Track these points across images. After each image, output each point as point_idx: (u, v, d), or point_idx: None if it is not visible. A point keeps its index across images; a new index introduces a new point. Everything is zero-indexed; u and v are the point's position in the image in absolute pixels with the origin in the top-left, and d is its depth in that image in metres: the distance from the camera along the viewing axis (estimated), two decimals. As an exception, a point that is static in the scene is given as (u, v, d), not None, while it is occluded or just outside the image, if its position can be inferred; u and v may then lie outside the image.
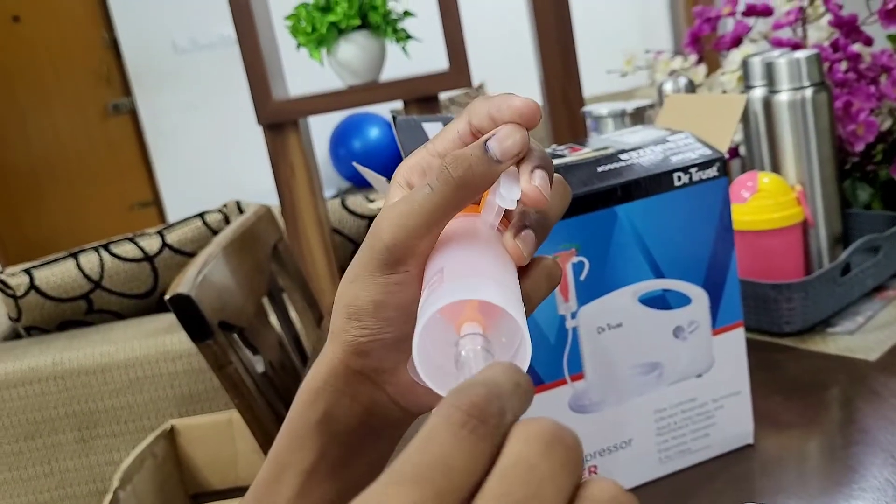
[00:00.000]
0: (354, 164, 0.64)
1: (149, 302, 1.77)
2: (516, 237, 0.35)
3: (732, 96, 0.84)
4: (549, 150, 0.69)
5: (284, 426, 0.38)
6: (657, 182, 0.59)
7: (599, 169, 0.60)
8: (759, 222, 0.84)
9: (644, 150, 0.62)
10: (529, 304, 0.37)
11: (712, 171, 0.61)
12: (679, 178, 0.60)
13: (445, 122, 0.64)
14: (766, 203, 0.84)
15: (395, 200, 0.37)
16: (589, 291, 0.59)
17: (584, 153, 0.62)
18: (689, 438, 0.64)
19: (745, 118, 0.93)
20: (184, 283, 0.83)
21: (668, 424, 0.63)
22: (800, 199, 0.85)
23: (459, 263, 0.34)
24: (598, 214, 0.58)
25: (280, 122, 1.41)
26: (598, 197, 0.58)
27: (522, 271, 0.37)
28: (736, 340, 0.64)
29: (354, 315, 0.36)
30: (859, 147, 0.94)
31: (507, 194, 0.35)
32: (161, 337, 1.61)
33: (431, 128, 0.63)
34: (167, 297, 0.79)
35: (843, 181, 0.99)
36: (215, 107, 3.92)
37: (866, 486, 0.58)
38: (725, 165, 0.61)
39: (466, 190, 0.34)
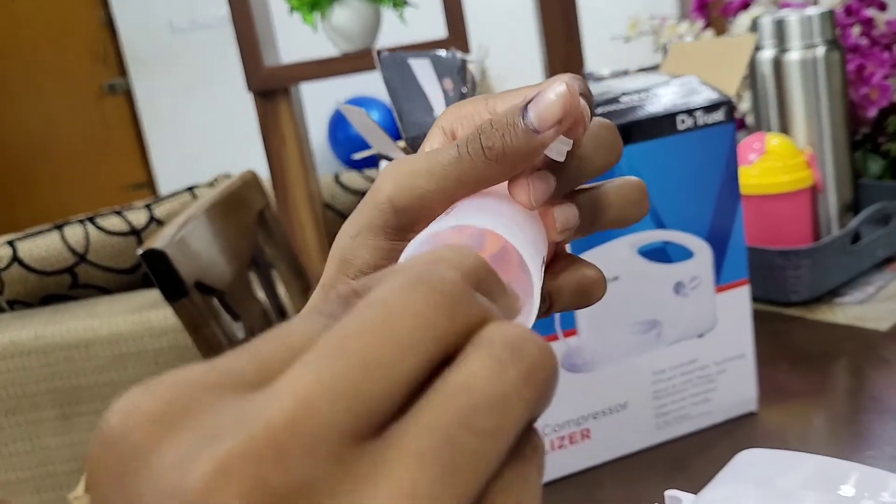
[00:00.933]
0: (341, 106, 0.60)
1: (135, 277, 1.72)
2: (531, 176, 0.28)
3: (740, 38, 0.79)
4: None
5: None
6: (659, 124, 0.55)
7: (598, 111, 0.55)
8: (767, 185, 0.80)
9: (646, 92, 0.57)
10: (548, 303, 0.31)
11: (718, 116, 0.56)
12: (683, 122, 0.56)
13: (434, 59, 0.60)
14: (774, 165, 0.80)
15: (432, 148, 0.31)
16: (584, 240, 0.55)
17: (582, 95, 0.58)
18: (689, 403, 0.60)
19: (753, 81, 0.88)
20: (160, 240, 0.79)
21: (666, 388, 0.59)
22: (809, 163, 0.81)
23: (475, 205, 0.29)
24: (595, 156, 0.54)
25: (271, 88, 1.36)
26: (596, 138, 0.54)
27: (552, 267, 0.32)
28: (740, 299, 0.60)
29: (350, 273, 0.31)
30: (872, 112, 0.90)
31: (556, 144, 0.28)
32: (147, 312, 1.57)
33: (419, 64, 0.58)
34: (139, 251, 0.75)
35: (854, 152, 0.94)
36: (212, 89, 3.87)
37: (878, 455, 0.54)
38: (732, 109, 0.57)
39: (500, 165, 0.27)
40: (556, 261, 0.32)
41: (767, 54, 0.86)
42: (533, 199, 0.28)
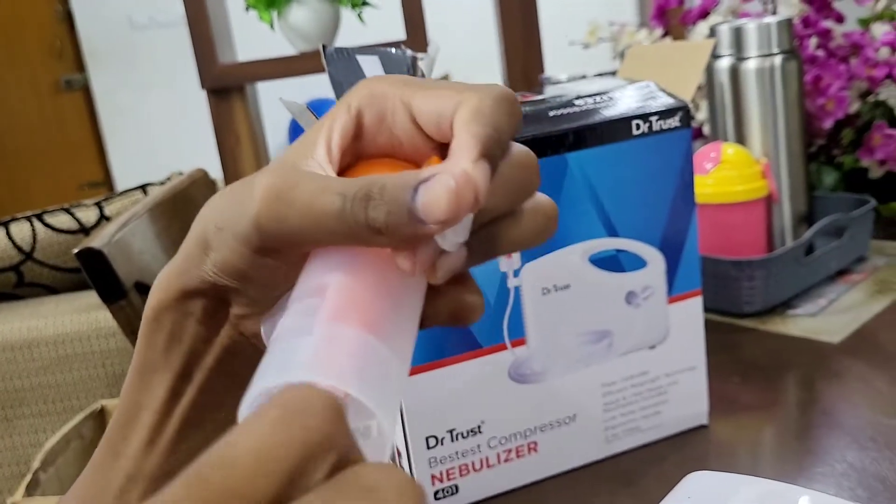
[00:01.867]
0: (282, 101, 0.57)
1: (83, 277, 1.67)
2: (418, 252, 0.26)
3: (699, 42, 0.78)
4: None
5: (133, 360, 0.31)
6: (613, 129, 0.54)
7: (551, 114, 0.54)
8: (722, 194, 0.79)
9: (601, 96, 0.56)
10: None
11: (674, 121, 0.55)
12: (638, 127, 0.54)
13: (383, 56, 0.58)
14: (730, 175, 0.79)
15: (335, 123, 0.28)
16: (534, 249, 0.53)
17: (536, 99, 0.56)
18: (639, 416, 0.58)
19: (710, 89, 0.88)
20: (98, 239, 0.76)
21: (616, 400, 0.57)
22: (765, 173, 0.80)
23: (348, 293, 0.26)
24: (547, 161, 0.52)
25: (225, 86, 1.33)
26: (547, 142, 0.52)
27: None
28: (693, 310, 0.59)
29: (209, 263, 0.29)
30: (828, 123, 0.90)
31: (450, 234, 0.26)
32: (94, 313, 1.52)
33: (367, 61, 0.56)
34: (75, 250, 0.72)
35: (809, 164, 0.94)
36: (171, 87, 3.80)
37: (828, 471, 0.53)
38: (689, 115, 0.56)
39: (384, 237, 0.25)
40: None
41: (725, 63, 0.86)
42: (418, 271, 0.26)
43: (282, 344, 0.25)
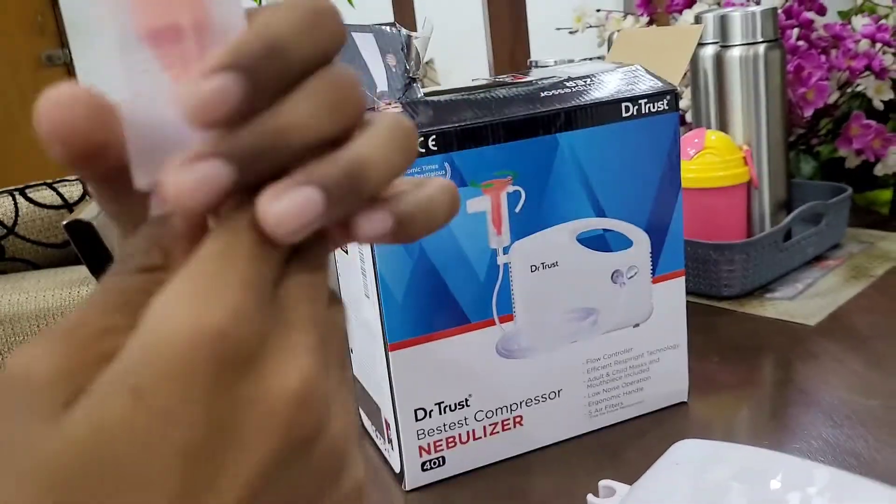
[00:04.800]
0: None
1: (66, 252, 1.67)
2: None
3: (687, 27, 0.80)
4: (489, 79, 0.64)
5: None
6: (603, 111, 0.55)
7: (543, 94, 0.55)
8: (704, 180, 0.81)
9: (591, 79, 0.57)
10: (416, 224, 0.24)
11: (662, 105, 0.57)
12: (627, 109, 0.56)
13: (378, 34, 0.58)
14: (713, 161, 0.81)
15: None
16: (524, 225, 0.54)
17: (528, 80, 0.57)
18: (622, 392, 0.60)
19: (694, 76, 0.89)
20: (87, 211, 0.76)
21: (600, 376, 0.59)
22: (746, 159, 0.82)
23: None
24: (537, 141, 0.54)
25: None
26: (538, 122, 0.53)
27: None
28: (676, 290, 0.60)
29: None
30: (808, 112, 0.91)
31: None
32: (76, 288, 1.52)
33: (362, 38, 0.57)
34: (64, 222, 0.72)
35: (788, 152, 0.96)
36: (153, 64, 3.75)
37: (803, 447, 0.55)
38: (677, 99, 0.57)
39: None
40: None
41: (709, 50, 0.87)
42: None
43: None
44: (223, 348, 0.19)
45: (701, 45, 0.88)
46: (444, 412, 0.55)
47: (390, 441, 0.57)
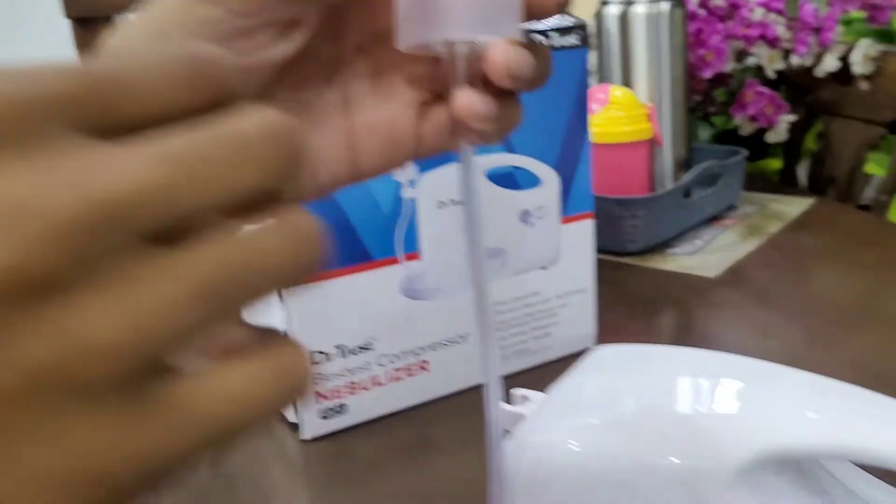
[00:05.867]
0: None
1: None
2: None
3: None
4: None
5: None
6: (513, 41, 0.53)
7: (450, 22, 0.52)
8: (609, 135, 0.80)
9: (500, 10, 0.55)
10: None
11: (572, 39, 0.55)
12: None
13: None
14: (617, 116, 0.80)
15: None
16: (431, 158, 0.52)
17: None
18: (530, 337, 0.58)
19: (599, 35, 0.89)
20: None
21: (507, 320, 0.57)
22: (650, 116, 0.82)
23: None
24: (446, 68, 0.51)
25: (91, 16, 1.24)
26: (447, 48, 0.51)
27: None
28: (584, 232, 0.59)
29: None
30: (707, 73, 0.93)
31: None
32: None
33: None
34: None
35: (689, 112, 0.97)
36: (33, 16, 3.53)
37: (708, 388, 0.55)
38: (586, 34, 0.55)
39: None
40: None
41: (614, 10, 0.87)
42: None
43: None
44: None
45: (605, 2, 0.88)
46: (345, 356, 0.52)
47: (287, 389, 0.53)
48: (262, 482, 0.49)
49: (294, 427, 0.53)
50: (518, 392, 0.32)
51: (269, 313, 0.53)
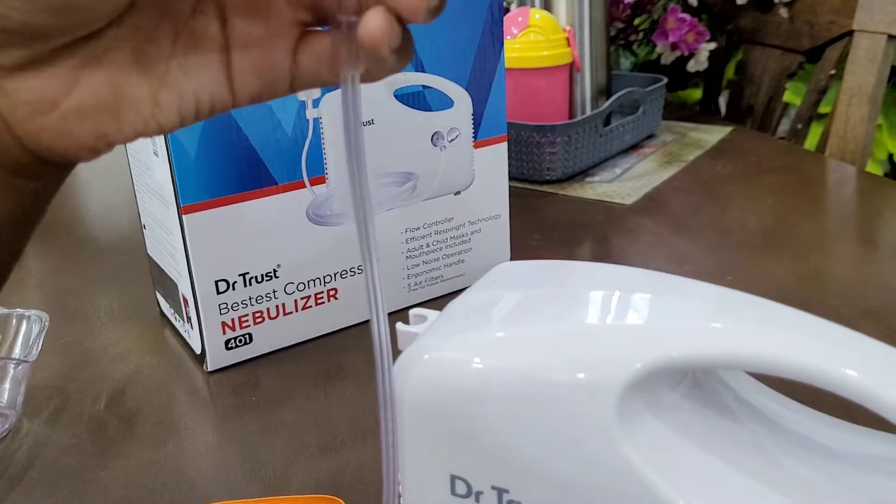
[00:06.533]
0: None
1: None
2: None
3: None
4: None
5: None
6: (422, -48, 0.50)
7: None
8: (527, 59, 0.78)
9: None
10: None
11: (484, -48, 0.53)
12: (447, -47, 0.51)
13: None
14: (536, 40, 0.78)
15: None
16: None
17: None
18: (443, 265, 0.57)
19: (519, -43, 0.86)
20: None
21: (420, 246, 0.56)
22: (570, 40, 0.80)
23: None
24: (350, -21, 0.48)
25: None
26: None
27: None
28: (498, 156, 0.57)
29: None
30: (629, -1, 0.91)
31: None
32: None
33: None
34: None
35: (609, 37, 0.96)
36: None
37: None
38: (499, -53, 0.53)
39: None
40: None
41: (535, -71, 0.84)
42: None
43: None
44: None
45: (525, -78, 0.85)
46: (250, 284, 0.50)
47: (189, 320, 0.51)
48: (164, 415, 0.47)
49: (199, 359, 0.51)
50: (415, 312, 0.31)
51: (169, 242, 0.50)
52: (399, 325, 0.30)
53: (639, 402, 0.23)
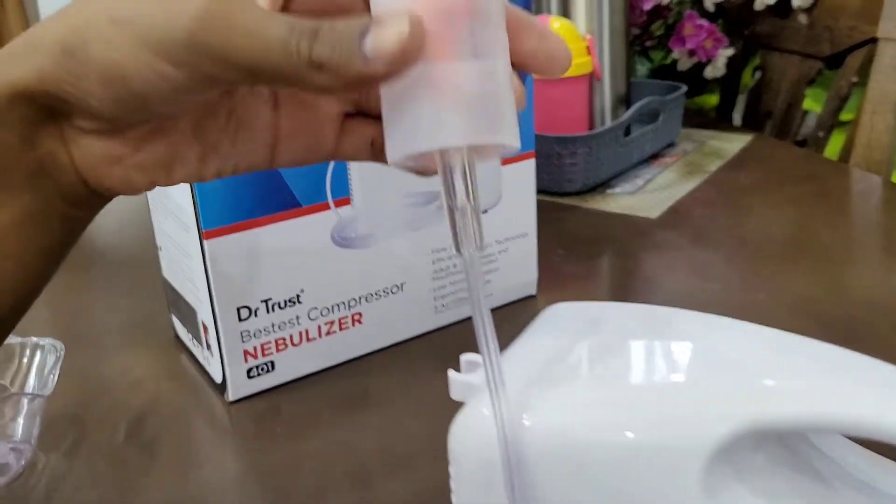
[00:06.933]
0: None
1: None
2: None
3: None
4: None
5: None
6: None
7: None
8: (548, 69, 0.76)
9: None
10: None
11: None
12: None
13: None
14: (556, 49, 0.76)
15: None
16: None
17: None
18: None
19: (536, -37, 0.84)
20: None
21: (446, 267, 0.54)
22: (590, 49, 0.78)
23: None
24: None
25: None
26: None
27: None
28: (526, 173, 0.56)
29: (89, 60, 0.23)
30: (647, 5, 0.89)
31: None
32: None
33: None
34: None
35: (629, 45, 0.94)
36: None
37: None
38: (528, -42, 0.51)
39: (321, 75, 0.23)
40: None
41: (552, -65, 0.82)
42: None
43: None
44: None
45: (542, -72, 0.83)
46: (272, 310, 0.48)
47: (209, 347, 0.49)
48: (185, 447, 0.45)
49: (220, 388, 0.49)
50: (467, 358, 0.29)
51: (188, 268, 0.48)
52: (451, 373, 0.28)
53: (726, 468, 0.21)
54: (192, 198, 0.44)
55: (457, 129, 0.23)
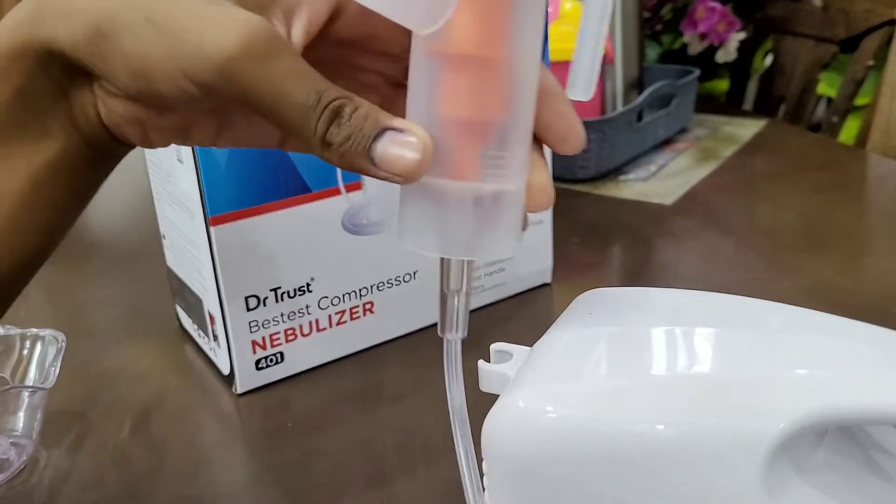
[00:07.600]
0: None
1: None
2: None
3: None
4: None
5: None
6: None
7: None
8: (559, 52, 0.74)
9: None
10: None
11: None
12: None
13: None
14: (568, 31, 0.74)
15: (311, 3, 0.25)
16: (373, 74, 0.45)
17: None
18: (483, 273, 0.54)
19: (546, -56, 0.82)
20: None
21: (459, 255, 0.52)
22: (601, 32, 0.76)
23: None
24: None
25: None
26: None
27: None
28: (541, 158, 0.54)
29: (118, 53, 0.24)
30: (659, -12, 0.87)
31: None
32: None
33: None
34: None
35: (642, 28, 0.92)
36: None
37: (674, 323, 0.51)
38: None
39: (326, 152, 0.24)
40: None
41: (562, -85, 0.80)
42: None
43: None
44: None
45: None
46: (282, 300, 0.46)
47: (216, 338, 0.47)
48: (193, 444, 0.43)
49: (227, 380, 0.48)
50: (497, 347, 0.27)
51: (193, 256, 0.47)
52: (481, 364, 0.26)
53: (786, 464, 0.19)
54: (198, 183, 0.42)
55: (459, 246, 0.25)
